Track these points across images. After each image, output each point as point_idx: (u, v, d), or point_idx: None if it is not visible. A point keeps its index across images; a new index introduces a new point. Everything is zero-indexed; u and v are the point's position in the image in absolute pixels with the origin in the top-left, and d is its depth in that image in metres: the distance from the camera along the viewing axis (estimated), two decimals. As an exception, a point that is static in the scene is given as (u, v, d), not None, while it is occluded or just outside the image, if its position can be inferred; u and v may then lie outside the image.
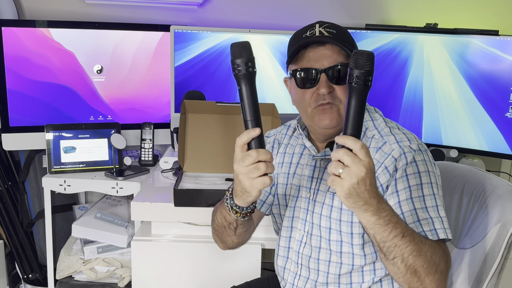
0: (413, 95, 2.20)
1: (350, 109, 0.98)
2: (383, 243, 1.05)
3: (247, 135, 1.03)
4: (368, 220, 1.01)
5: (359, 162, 0.94)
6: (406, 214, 1.15)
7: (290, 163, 1.36)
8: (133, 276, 1.74)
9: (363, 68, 0.97)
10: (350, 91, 0.98)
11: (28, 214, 2.26)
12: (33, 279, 2.28)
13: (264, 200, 1.43)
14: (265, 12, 2.40)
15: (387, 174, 1.18)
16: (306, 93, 1.23)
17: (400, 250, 1.05)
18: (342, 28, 1.24)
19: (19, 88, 2.12)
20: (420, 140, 1.25)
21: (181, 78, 2.17)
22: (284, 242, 1.35)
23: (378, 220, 1.01)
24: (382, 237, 1.04)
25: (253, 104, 1.03)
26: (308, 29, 1.23)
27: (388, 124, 1.27)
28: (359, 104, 0.98)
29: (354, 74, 0.97)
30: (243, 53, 1.03)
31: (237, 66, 1.02)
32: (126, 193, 2.04)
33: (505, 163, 2.38)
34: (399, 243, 1.04)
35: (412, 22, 2.27)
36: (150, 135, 2.17)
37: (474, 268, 1.35)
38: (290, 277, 1.33)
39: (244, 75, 1.03)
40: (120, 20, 2.33)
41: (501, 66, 2.03)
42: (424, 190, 1.16)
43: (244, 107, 1.03)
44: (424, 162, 1.19)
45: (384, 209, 1.02)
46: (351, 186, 0.95)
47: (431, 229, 1.13)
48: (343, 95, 1.21)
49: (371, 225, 1.02)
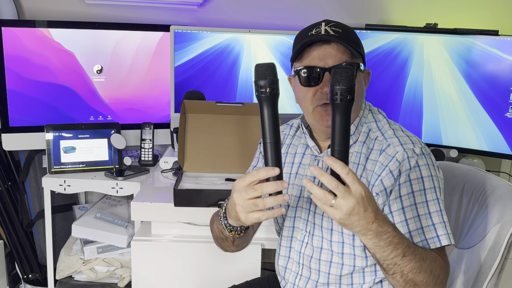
0: (413, 95, 2.20)
1: (335, 126, 0.98)
2: (382, 261, 1.06)
3: (265, 172, 0.99)
4: (368, 242, 1.03)
5: (347, 194, 0.94)
6: (409, 221, 1.16)
7: (292, 163, 1.36)
8: (133, 276, 1.74)
9: (342, 84, 0.96)
10: (334, 108, 0.98)
11: (28, 214, 2.26)
12: (33, 279, 2.28)
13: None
14: (265, 12, 2.40)
15: (392, 178, 1.18)
16: (309, 91, 1.23)
17: (399, 268, 1.06)
18: (348, 28, 1.24)
19: (19, 88, 2.12)
20: (423, 143, 1.24)
21: (181, 78, 2.17)
22: (286, 242, 1.35)
23: (379, 242, 1.02)
24: (382, 256, 1.05)
25: (274, 126, 1.01)
26: (314, 27, 1.23)
27: (391, 126, 1.27)
28: (344, 120, 0.98)
29: (335, 91, 0.97)
30: (268, 75, 1.02)
31: (261, 87, 1.01)
32: (126, 193, 2.04)
33: (505, 163, 2.38)
34: (399, 262, 1.05)
35: (412, 22, 2.27)
36: (150, 135, 2.17)
37: (474, 268, 1.35)
38: (292, 277, 1.33)
39: (267, 97, 1.02)
40: (120, 20, 2.33)
41: (501, 66, 2.03)
42: (427, 196, 1.17)
43: (265, 128, 1.01)
44: (427, 166, 1.18)
45: (385, 232, 1.02)
46: (343, 217, 0.95)
47: (433, 236, 1.14)
48: None
49: (371, 246, 1.03)
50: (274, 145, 1.00)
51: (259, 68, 1.02)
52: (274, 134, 1.00)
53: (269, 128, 1.00)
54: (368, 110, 1.31)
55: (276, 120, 1.01)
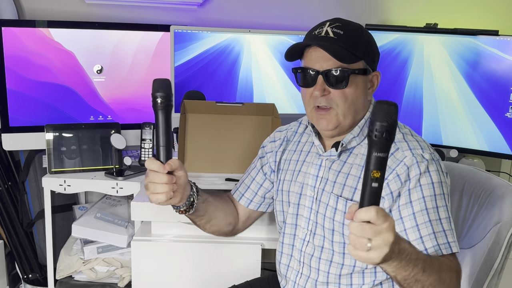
0: (413, 95, 2.20)
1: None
2: (403, 281, 1.02)
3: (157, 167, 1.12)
4: (390, 266, 0.97)
5: (382, 230, 0.87)
6: (420, 226, 1.14)
7: (297, 160, 1.36)
8: (133, 276, 1.74)
9: (382, 121, 0.86)
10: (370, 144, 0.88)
11: (28, 214, 2.25)
12: (33, 279, 2.28)
13: (251, 198, 1.45)
14: (265, 12, 2.40)
15: (399, 182, 1.17)
16: (306, 92, 1.25)
17: (420, 284, 1.03)
18: (355, 29, 1.22)
19: (19, 88, 2.12)
20: (432, 148, 1.24)
21: (181, 78, 2.17)
22: (288, 240, 1.35)
23: (399, 264, 0.97)
24: (403, 276, 1.01)
25: (166, 133, 1.14)
26: (318, 27, 1.23)
27: (401, 129, 1.26)
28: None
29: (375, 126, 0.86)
30: (163, 89, 1.14)
31: (156, 98, 1.14)
32: (126, 193, 2.04)
33: (505, 163, 2.38)
34: (420, 278, 1.03)
35: (412, 22, 2.27)
36: (150, 135, 2.17)
37: (474, 268, 1.35)
38: (293, 275, 1.34)
39: (162, 107, 1.14)
40: (120, 20, 2.33)
41: (501, 66, 2.03)
42: (438, 202, 1.16)
43: (159, 134, 1.14)
44: (437, 172, 1.18)
45: (404, 251, 0.97)
46: (384, 255, 0.89)
47: (444, 242, 1.14)
48: (339, 99, 1.21)
49: (392, 269, 0.99)
50: (165, 149, 1.14)
51: (155, 83, 1.15)
52: (166, 139, 1.14)
53: (162, 134, 1.14)
54: None
55: (168, 127, 1.14)
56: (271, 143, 1.45)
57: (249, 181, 1.46)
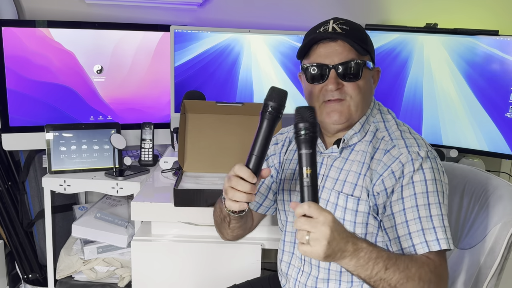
0: (413, 95, 2.20)
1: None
2: (368, 280, 1.06)
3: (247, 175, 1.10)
4: (348, 265, 1.03)
5: (317, 223, 0.96)
6: (410, 222, 1.15)
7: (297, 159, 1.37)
8: (133, 276, 1.74)
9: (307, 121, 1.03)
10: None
11: (28, 214, 2.25)
12: (33, 279, 2.28)
13: (260, 202, 1.44)
14: (265, 12, 2.40)
15: (393, 179, 1.18)
16: (315, 88, 1.25)
17: (386, 282, 1.06)
18: (357, 25, 1.26)
19: (19, 88, 2.12)
20: (430, 146, 1.24)
21: (181, 78, 2.17)
22: (290, 238, 1.36)
23: (358, 262, 1.03)
24: (366, 275, 1.05)
25: (265, 144, 1.11)
26: (322, 25, 1.25)
27: (399, 127, 1.27)
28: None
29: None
30: (277, 99, 1.10)
31: (267, 107, 1.11)
32: (126, 193, 2.04)
33: (505, 163, 2.38)
34: (383, 276, 1.06)
35: (412, 22, 2.27)
36: (150, 135, 2.17)
37: (474, 268, 1.35)
38: (294, 273, 1.34)
39: (271, 117, 1.11)
40: (120, 20, 2.33)
41: (501, 66, 2.03)
42: (430, 199, 1.16)
43: (256, 142, 1.11)
44: (431, 170, 1.18)
45: (361, 249, 1.03)
46: (324, 248, 0.96)
47: (433, 239, 1.14)
48: (352, 91, 1.23)
49: (352, 268, 1.04)
50: (258, 159, 1.10)
51: (272, 91, 1.11)
52: (262, 150, 1.11)
53: (260, 144, 1.10)
54: (377, 109, 1.32)
55: (268, 139, 1.11)
56: (274, 146, 1.46)
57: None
